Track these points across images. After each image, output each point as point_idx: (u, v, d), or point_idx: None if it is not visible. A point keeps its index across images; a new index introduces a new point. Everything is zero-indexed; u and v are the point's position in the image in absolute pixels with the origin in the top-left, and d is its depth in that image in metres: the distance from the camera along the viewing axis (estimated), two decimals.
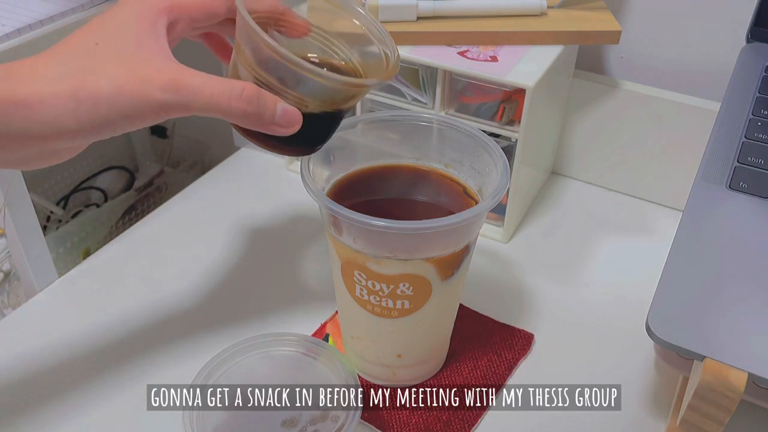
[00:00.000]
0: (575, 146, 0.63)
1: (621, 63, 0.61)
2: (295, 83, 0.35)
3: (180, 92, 0.32)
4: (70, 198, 0.74)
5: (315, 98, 0.36)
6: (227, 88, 0.33)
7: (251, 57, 0.35)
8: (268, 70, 0.35)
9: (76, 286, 0.54)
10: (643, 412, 0.44)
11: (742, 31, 0.52)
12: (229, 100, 0.33)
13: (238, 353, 0.41)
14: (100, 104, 0.31)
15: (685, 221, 0.38)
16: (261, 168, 0.66)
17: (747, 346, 0.32)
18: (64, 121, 0.31)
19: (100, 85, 0.31)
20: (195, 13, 0.36)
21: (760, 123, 0.44)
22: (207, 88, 0.33)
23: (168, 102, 0.32)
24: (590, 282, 0.54)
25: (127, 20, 0.34)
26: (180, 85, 0.32)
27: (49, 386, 0.45)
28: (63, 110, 0.31)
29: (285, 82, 0.35)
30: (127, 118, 0.32)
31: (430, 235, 0.36)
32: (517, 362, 0.47)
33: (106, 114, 0.31)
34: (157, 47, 0.33)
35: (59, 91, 0.31)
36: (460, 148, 0.43)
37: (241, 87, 0.33)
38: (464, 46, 0.53)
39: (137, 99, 0.31)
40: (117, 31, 0.33)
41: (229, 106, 0.33)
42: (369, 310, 0.41)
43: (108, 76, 0.31)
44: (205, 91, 0.32)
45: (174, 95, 0.32)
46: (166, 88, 0.32)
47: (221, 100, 0.33)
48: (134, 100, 0.31)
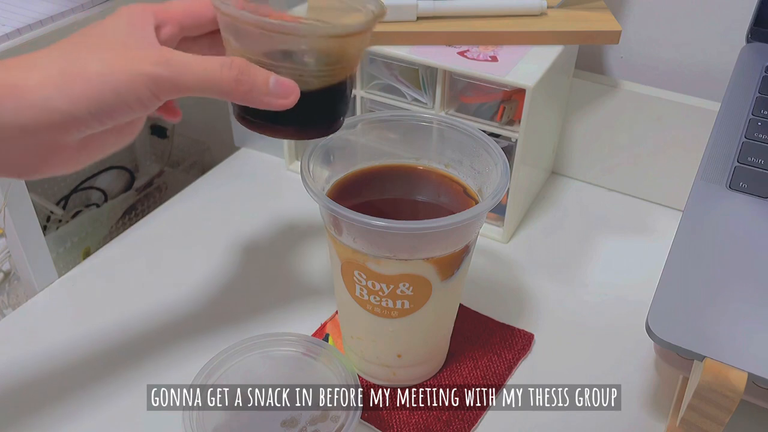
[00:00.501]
0: (575, 146, 0.63)
1: (621, 63, 0.61)
2: (282, 56, 0.35)
3: (171, 65, 0.32)
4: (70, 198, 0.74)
5: (306, 66, 0.35)
6: (217, 60, 0.33)
7: (235, 43, 0.35)
8: (252, 48, 0.35)
9: (76, 286, 0.54)
10: (643, 412, 0.44)
11: (742, 31, 0.52)
12: (220, 70, 0.33)
13: (238, 353, 0.40)
14: (91, 82, 0.31)
15: (685, 221, 0.38)
16: (261, 168, 0.66)
17: (747, 346, 0.32)
18: (55, 101, 0.31)
19: (90, 64, 0.31)
20: (182, 18, 0.37)
21: (760, 123, 0.44)
22: (198, 61, 0.33)
23: (160, 75, 0.32)
24: (590, 282, 0.54)
25: (115, 24, 0.34)
26: (171, 60, 0.32)
27: (49, 386, 0.45)
28: (53, 89, 0.31)
29: (273, 56, 0.35)
30: (120, 97, 0.31)
31: (430, 235, 0.36)
32: (517, 362, 0.47)
33: (99, 93, 0.31)
34: (146, 39, 0.34)
35: (48, 72, 0.31)
36: (460, 148, 0.43)
37: (231, 59, 0.34)
38: (464, 46, 0.53)
39: (128, 74, 0.31)
40: (105, 31, 0.34)
41: (220, 76, 0.33)
42: (369, 310, 0.41)
43: (98, 57, 0.32)
44: (195, 64, 0.33)
45: (165, 68, 0.32)
46: (157, 63, 0.32)
47: (213, 71, 0.33)
48: (126, 75, 0.31)
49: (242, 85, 0.34)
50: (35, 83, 0.31)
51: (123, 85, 0.31)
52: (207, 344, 0.47)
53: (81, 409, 0.44)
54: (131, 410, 0.43)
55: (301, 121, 0.36)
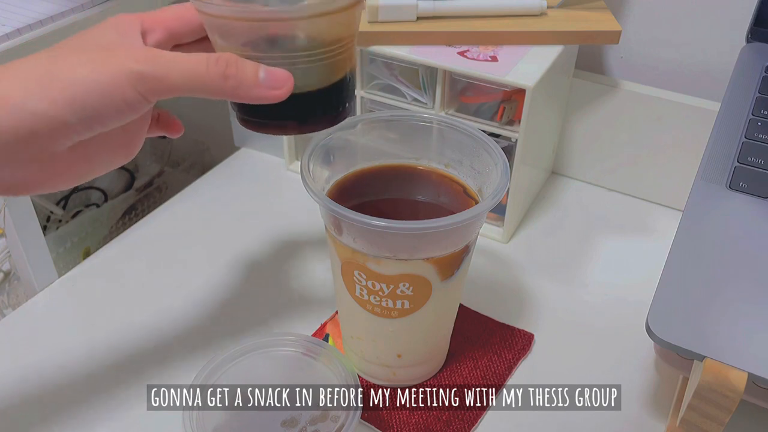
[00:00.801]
0: (575, 146, 0.63)
1: (621, 63, 0.61)
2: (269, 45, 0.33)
3: (155, 63, 0.31)
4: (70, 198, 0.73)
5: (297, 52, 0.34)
6: (203, 56, 0.32)
7: (221, 41, 0.34)
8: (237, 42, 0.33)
9: (76, 286, 0.54)
10: (643, 412, 0.44)
11: (742, 31, 0.52)
12: (206, 65, 0.32)
13: (238, 353, 0.40)
14: (74, 83, 0.30)
15: (685, 221, 0.38)
16: (261, 168, 0.66)
17: (747, 346, 0.32)
18: (37, 105, 0.29)
19: (74, 64, 0.30)
20: (170, 24, 0.35)
21: (760, 123, 0.44)
22: (183, 58, 0.32)
23: (144, 73, 0.31)
24: (590, 282, 0.54)
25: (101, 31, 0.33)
26: (155, 58, 0.31)
27: (49, 386, 0.45)
28: (35, 90, 0.29)
29: (261, 48, 0.33)
30: (106, 97, 0.30)
31: (430, 235, 0.36)
32: (517, 362, 0.47)
33: (83, 94, 0.30)
34: (131, 40, 0.33)
35: (30, 76, 0.30)
36: (460, 148, 0.43)
37: (218, 55, 0.32)
38: (464, 46, 0.53)
39: (112, 73, 0.30)
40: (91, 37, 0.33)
41: (207, 71, 0.32)
42: (369, 310, 0.41)
43: (81, 59, 0.31)
44: (181, 60, 0.31)
45: (150, 66, 0.31)
46: (142, 60, 0.31)
47: (199, 67, 0.32)
48: (109, 75, 0.30)
49: (230, 79, 0.32)
50: (16, 88, 0.29)
51: (107, 85, 0.30)
52: (207, 344, 0.47)
53: (81, 409, 0.44)
54: (131, 410, 0.43)
55: (301, 113, 0.35)
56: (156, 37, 0.35)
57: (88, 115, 0.30)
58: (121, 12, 0.35)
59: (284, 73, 0.33)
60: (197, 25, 0.36)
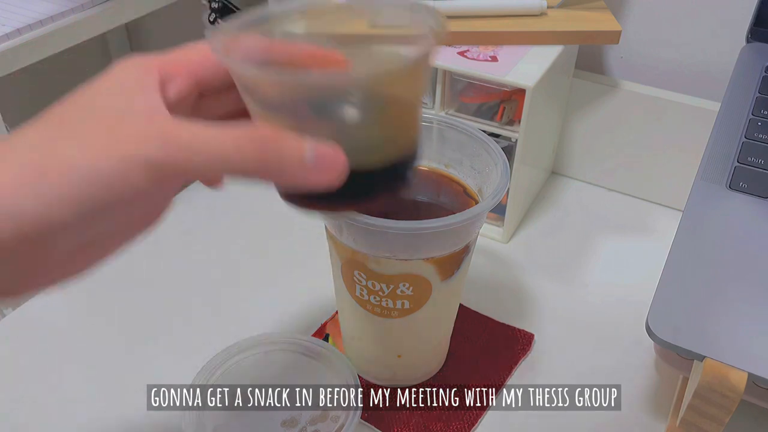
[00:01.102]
0: (575, 146, 0.63)
1: (621, 63, 0.61)
2: (313, 111, 0.26)
3: (173, 145, 0.25)
4: None
5: (354, 121, 0.27)
6: (232, 132, 0.25)
7: (254, 105, 0.27)
8: (275, 107, 0.26)
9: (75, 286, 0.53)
10: (643, 412, 0.44)
11: (742, 31, 0.52)
12: (237, 145, 0.25)
13: (238, 353, 0.40)
14: (71, 176, 0.24)
15: (685, 221, 0.38)
16: None
17: (747, 346, 0.32)
18: (27, 206, 0.23)
19: (71, 152, 0.24)
20: (196, 69, 0.29)
21: (760, 123, 0.44)
22: (210, 135, 0.25)
23: (158, 159, 0.24)
24: (590, 282, 0.54)
25: (108, 87, 0.27)
26: (173, 138, 0.25)
27: (49, 386, 0.45)
28: (25, 191, 0.23)
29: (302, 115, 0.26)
30: (111, 190, 0.24)
31: (430, 235, 0.36)
32: (517, 362, 0.47)
33: (85, 188, 0.24)
34: (146, 104, 0.26)
35: (18, 170, 0.24)
36: (460, 148, 0.43)
37: (253, 129, 0.26)
38: (464, 46, 0.53)
39: (118, 159, 0.24)
40: (95, 99, 0.27)
41: (239, 153, 0.25)
42: (369, 310, 0.41)
43: (80, 142, 0.24)
44: (206, 139, 0.25)
45: (166, 150, 0.24)
46: (154, 142, 0.24)
47: (227, 147, 0.25)
48: (115, 162, 0.24)
49: (268, 164, 0.26)
50: (2, 185, 0.23)
51: (113, 176, 0.24)
52: (207, 344, 0.47)
53: (81, 408, 0.44)
54: (131, 410, 0.43)
55: (358, 193, 0.28)
56: (178, 87, 0.28)
57: (90, 212, 0.24)
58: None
59: (335, 149, 0.26)
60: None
